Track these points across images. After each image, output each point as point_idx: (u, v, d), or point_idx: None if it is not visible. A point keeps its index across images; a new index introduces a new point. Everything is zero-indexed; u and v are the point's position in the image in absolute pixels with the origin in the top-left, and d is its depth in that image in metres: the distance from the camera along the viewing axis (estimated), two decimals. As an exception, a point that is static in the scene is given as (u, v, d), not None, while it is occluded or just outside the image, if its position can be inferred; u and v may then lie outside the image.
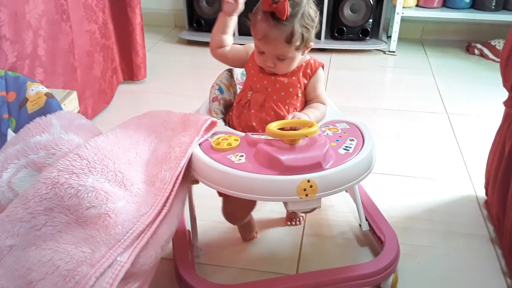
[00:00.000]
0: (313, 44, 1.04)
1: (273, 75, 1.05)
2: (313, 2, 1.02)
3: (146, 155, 0.99)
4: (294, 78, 1.05)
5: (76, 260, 0.81)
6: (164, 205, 0.89)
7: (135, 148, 0.99)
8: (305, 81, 1.06)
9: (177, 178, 0.92)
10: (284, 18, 0.95)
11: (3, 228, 0.85)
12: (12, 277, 0.82)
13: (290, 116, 0.99)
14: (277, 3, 0.94)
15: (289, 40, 0.97)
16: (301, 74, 1.06)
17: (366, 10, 2.62)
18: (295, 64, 1.04)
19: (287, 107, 1.04)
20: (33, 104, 1.15)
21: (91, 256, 0.82)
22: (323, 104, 1.07)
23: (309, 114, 1.01)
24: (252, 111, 1.04)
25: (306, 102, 1.09)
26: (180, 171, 0.93)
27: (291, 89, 1.05)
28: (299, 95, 1.06)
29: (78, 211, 0.86)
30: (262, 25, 0.98)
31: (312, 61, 1.07)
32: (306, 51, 1.05)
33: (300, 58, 1.05)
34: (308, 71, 1.06)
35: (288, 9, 0.95)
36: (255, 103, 1.04)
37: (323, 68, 1.08)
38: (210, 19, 2.74)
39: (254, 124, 1.03)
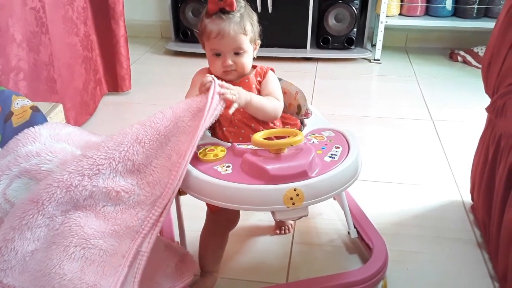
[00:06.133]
0: (259, 43, 1.10)
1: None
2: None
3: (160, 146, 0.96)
4: (253, 86, 1.08)
5: (109, 253, 0.88)
6: (178, 182, 0.90)
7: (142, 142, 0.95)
8: (259, 87, 1.10)
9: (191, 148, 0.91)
10: (234, 9, 1.02)
11: (23, 236, 0.87)
12: (35, 278, 0.86)
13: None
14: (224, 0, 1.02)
15: (243, 28, 1.03)
16: (255, 83, 1.09)
17: (351, 19, 2.65)
18: (251, 60, 1.08)
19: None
20: (18, 118, 1.14)
21: (120, 248, 0.88)
22: (277, 99, 1.08)
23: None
24: (224, 128, 1.05)
25: None
26: (195, 142, 0.92)
27: None
28: None
29: (96, 209, 0.91)
30: (215, 23, 1.03)
31: (259, 68, 1.11)
32: (255, 51, 1.10)
33: (251, 59, 1.09)
34: (259, 78, 1.10)
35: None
36: (224, 120, 1.05)
37: (273, 71, 1.13)
38: (195, 29, 2.75)
39: (230, 140, 1.04)
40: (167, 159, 0.93)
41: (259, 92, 1.09)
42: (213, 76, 0.98)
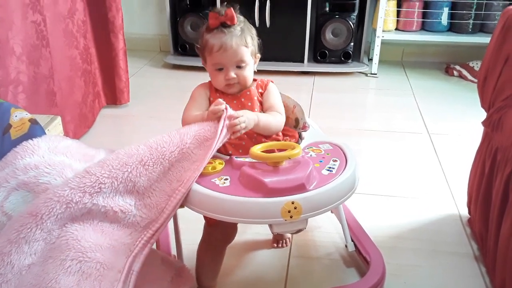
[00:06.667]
0: (259, 56, 1.12)
1: (236, 100, 1.08)
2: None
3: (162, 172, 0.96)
4: (255, 98, 1.09)
5: (107, 266, 0.87)
6: (174, 208, 0.91)
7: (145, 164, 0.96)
8: (261, 99, 1.11)
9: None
10: (235, 23, 1.04)
11: (21, 250, 0.87)
12: None
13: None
14: (224, 14, 1.04)
15: (244, 41, 1.05)
16: (256, 95, 1.10)
17: (348, 33, 2.68)
18: (252, 73, 1.10)
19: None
20: (17, 130, 1.14)
21: (116, 262, 0.88)
22: (279, 113, 1.09)
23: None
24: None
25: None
26: (198, 172, 0.93)
27: (256, 110, 1.09)
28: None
29: (93, 223, 0.92)
30: (217, 37, 1.04)
31: (259, 81, 1.13)
32: (255, 64, 1.12)
33: (253, 72, 1.11)
34: (260, 90, 1.11)
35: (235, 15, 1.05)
36: None
37: (272, 82, 1.15)
38: (194, 43, 2.77)
39: (230, 152, 1.04)
40: (167, 184, 0.94)
41: (261, 104, 1.10)
42: (226, 104, 0.99)
